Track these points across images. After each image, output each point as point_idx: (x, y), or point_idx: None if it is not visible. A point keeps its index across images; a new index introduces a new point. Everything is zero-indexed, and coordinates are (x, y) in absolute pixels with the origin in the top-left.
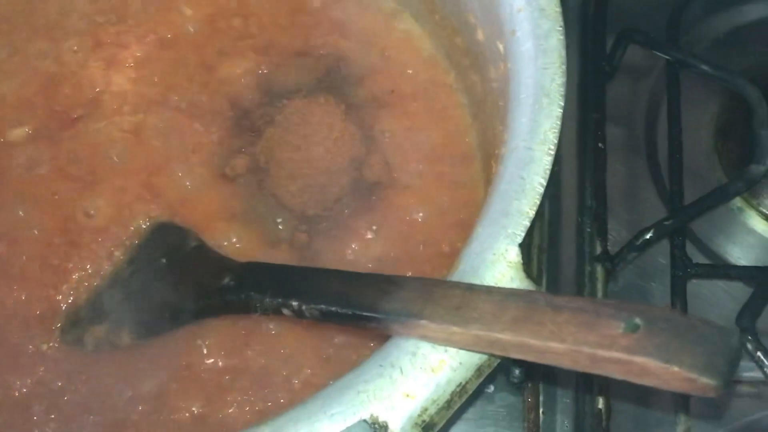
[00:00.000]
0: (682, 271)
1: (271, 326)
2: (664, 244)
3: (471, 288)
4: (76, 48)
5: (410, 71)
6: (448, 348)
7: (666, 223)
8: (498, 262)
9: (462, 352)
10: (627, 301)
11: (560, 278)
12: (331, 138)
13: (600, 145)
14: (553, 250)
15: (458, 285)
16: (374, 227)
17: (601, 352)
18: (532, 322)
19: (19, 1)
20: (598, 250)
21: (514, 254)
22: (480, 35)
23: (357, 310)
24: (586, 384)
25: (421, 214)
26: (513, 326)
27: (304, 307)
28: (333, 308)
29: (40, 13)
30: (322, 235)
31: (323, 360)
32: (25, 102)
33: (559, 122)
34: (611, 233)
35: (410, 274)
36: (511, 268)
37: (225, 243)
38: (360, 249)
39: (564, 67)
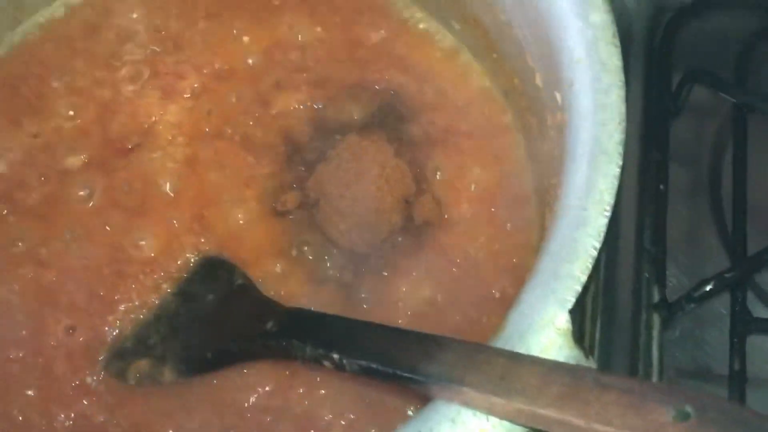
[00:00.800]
0: (742, 326)
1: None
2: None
3: (515, 357)
4: (132, 77)
5: (466, 109)
6: (489, 416)
7: (727, 275)
8: (546, 327)
9: (504, 422)
10: (677, 386)
11: (615, 324)
12: (382, 176)
13: (661, 186)
14: (609, 294)
15: (502, 352)
16: (423, 268)
17: None
18: (578, 400)
19: (79, 27)
20: (656, 297)
21: (563, 320)
22: (538, 80)
23: (398, 370)
24: None
25: (472, 257)
26: (558, 402)
27: (345, 361)
28: (374, 365)
29: (99, 40)
30: (370, 275)
31: (366, 405)
32: (81, 130)
33: (616, 182)
34: (670, 279)
35: (458, 318)
36: (560, 335)
37: (271, 279)
38: (408, 290)
39: (624, 124)
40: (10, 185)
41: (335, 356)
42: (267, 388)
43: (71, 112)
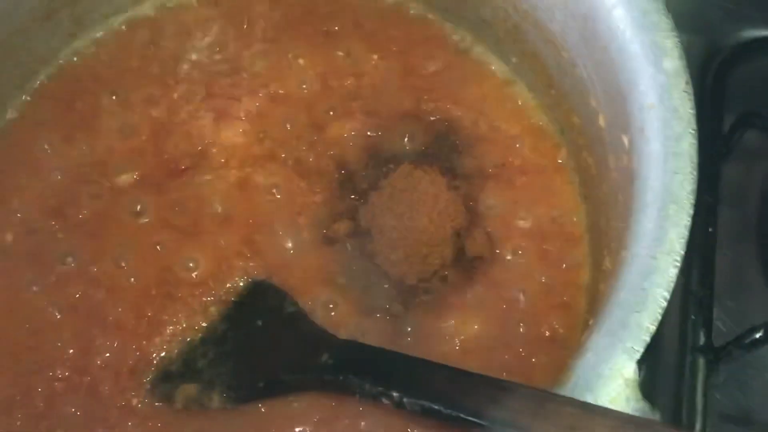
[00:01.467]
0: None
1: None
2: None
3: (586, 407)
4: (187, 97)
5: (520, 144)
6: None
7: None
8: (614, 378)
9: None
10: None
11: (660, 366)
12: (435, 208)
13: (710, 229)
14: (654, 336)
15: (572, 401)
16: (472, 303)
17: None
18: None
19: (136, 45)
20: (702, 340)
21: (631, 371)
22: (601, 121)
23: (462, 413)
24: None
25: (522, 293)
26: None
27: (405, 400)
28: (436, 407)
29: (155, 58)
30: (420, 308)
31: None
32: (134, 149)
33: (687, 232)
34: (716, 322)
35: (506, 357)
36: (628, 386)
37: (319, 307)
38: (456, 325)
39: (696, 173)
40: (61, 201)
41: (395, 395)
42: (312, 420)
43: (125, 130)
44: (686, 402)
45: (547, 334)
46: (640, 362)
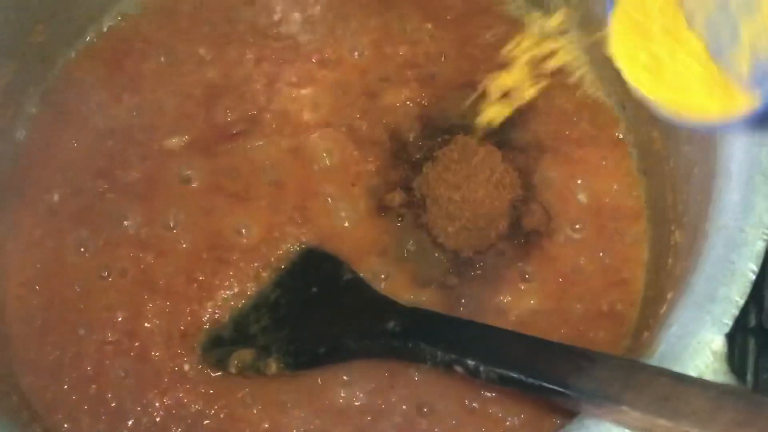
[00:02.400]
0: None
1: (415, 371)
2: None
3: (680, 378)
4: (238, 60)
5: (576, 118)
6: None
7: None
8: (702, 351)
9: None
10: None
11: None
12: (491, 180)
13: None
14: None
15: (664, 372)
16: (529, 278)
17: None
18: (757, 428)
19: (185, 4)
20: (752, 322)
21: (720, 344)
22: None
23: (545, 382)
24: None
25: (580, 269)
26: (734, 428)
27: (482, 368)
28: (516, 375)
29: (205, 19)
30: (475, 281)
31: (467, 411)
32: (185, 111)
33: None
34: (766, 304)
35: (563, 331)
36: (716, 359)
37: (373, 278)
38: (512, 299)
39: None
40: (110, 162)
41: (470, 362)
42: (367, 389)
43: (174, 93)
44: (737, 383)
45: (606, 309)
46: (728, 336)
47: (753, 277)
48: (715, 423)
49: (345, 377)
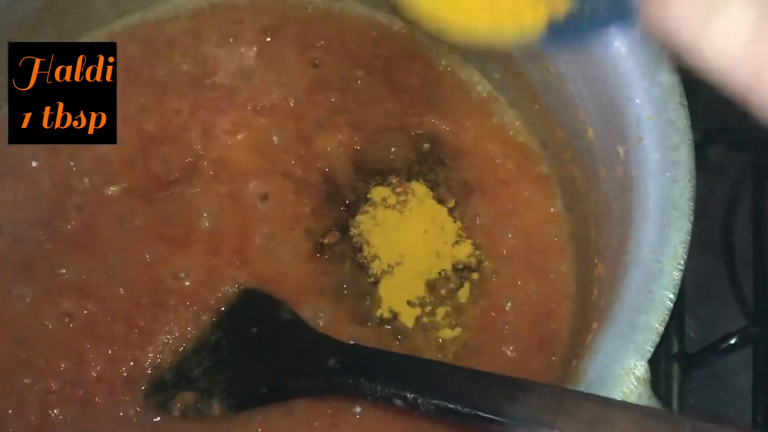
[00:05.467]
0: (764, 380)
1: (357, 408)
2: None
3: (606, 402)
4: (175, 110)
5: (501, 159)
6: None
7: (752, 329)
8: (627, 377)
9: None
10: None
11: None
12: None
13: None
14: None
15: (591, 397)
16: (463, 312)
17: None
18: None
19: (123, 57)
20: (675, 348)
21: (643, 370)
22: (590, 134)
23: (481, 412)
24: None
25: (510, 303)
26: None
27: (420, 401)
28: (452, 405)
29: (142, 69)
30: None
31: None
32: (122, 160)
33: (688, 237)
34: (687, 331)
35: (499, 362)
36: (640, 384)
37: (313, 318)
38: (448, 334)
39: (693, 181)
40: (49, 212)
41: (409, 395)
42: (311, 428)
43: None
44: (663, 407)
45: (536, 341)
46: (650, 362)
47: (671, 305)
48: None
49: (289, 417)
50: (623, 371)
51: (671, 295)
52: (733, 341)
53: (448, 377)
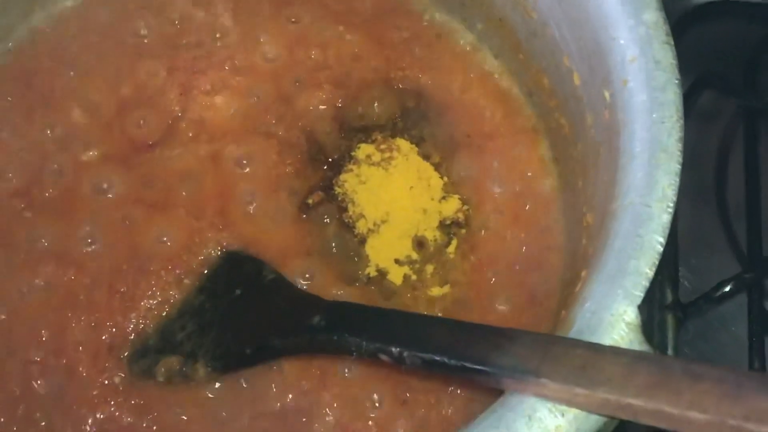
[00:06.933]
0: (759, 326)
1: (346, 368)
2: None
3: (595, 347)
4: (151, 72)
5: (487, 111)
6: (565, 412)
7: (746, 275)
8: (617, 323)
9: (581, 417)
10: None
11: None
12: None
13: None
14: None
15: (579, 343)
16: (452, 269)
17: (750, 426)
18: (668, 390)
19: (94, 20)
20: (669, 298)
21: (633, 316)
22: (576, 79)
23: (466, 363)
24: None
25: (499, 257)
26: (647, 392)
27: (405, 354)
28: (438, 358)
29: (114, 34)
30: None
31: (400, 403)
32: (99, 125)
33: (677, 179)
34: (681, 280)
35: (491, 318)
36: (631, 330)
37: (298, 279)
38: (437, 291)
39: (681, 122)
40: (26, 180)
41: (394, 350)
42: (299, 390)
43: (87, 107)
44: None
45: (527, 295)
46: (641, 307)
47: (661, 249)
48: (629, 387)
49: (276, 379)
50: (612, 317)
51: (661, 239)
52: (727, 288)
53: (434, 330)
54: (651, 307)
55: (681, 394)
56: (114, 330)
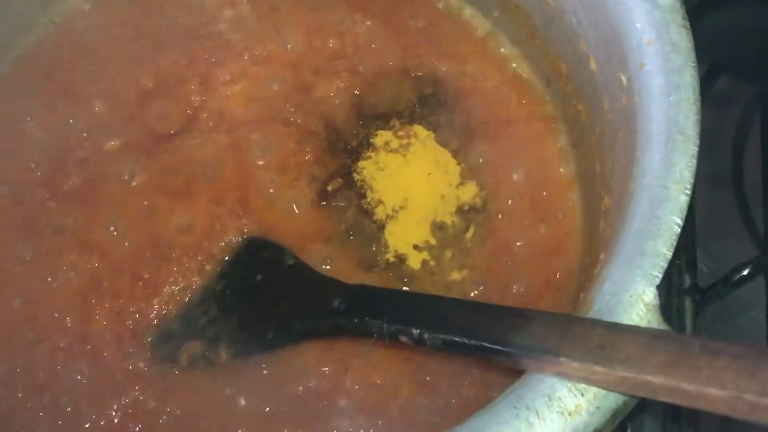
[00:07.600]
0: None
1: (366, 352)
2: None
3: (613, 327)
4: (172, 62)
5: (505, 97)
6: (584, 391)
7: (764, 259)
8: (635, 304)
9: (600, 396)
10: None
11: None
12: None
13: None
14: None
15: (598, 322)
16: (470, 254)
17: (766, 401)
18: (687, 367)
19: (114, 14)
20: (687, 282)
21: (651, 296)
22: (593, 64)
23: (486, 343)
24: (674, 415)
25: (518, 242)
26: (665, 369)
27: (426, 336)
28: (458, 339)
29: (135, 26)
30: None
31: (420, 386)
32: (121, 115)
33: (695, 161)
34: (699, 265)
35: (509, 303)
36: (649, 311)
37: (317, 264)
38: (456, 276)
39: (699, 104)
40: (49, 170)
41: (414, 331)
42: (321, 374)
43: (109, 98)
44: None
45: (546, 279)
46: (659, 287)
47: (678, 230)
48: (647, 366)
49: (298, 363)
50: (631, 298)
51: (678, 220)
52: (745, 272)
53: (453, 311)
54: (669, 292)
55: (699, 370)
56: (137, 316)
